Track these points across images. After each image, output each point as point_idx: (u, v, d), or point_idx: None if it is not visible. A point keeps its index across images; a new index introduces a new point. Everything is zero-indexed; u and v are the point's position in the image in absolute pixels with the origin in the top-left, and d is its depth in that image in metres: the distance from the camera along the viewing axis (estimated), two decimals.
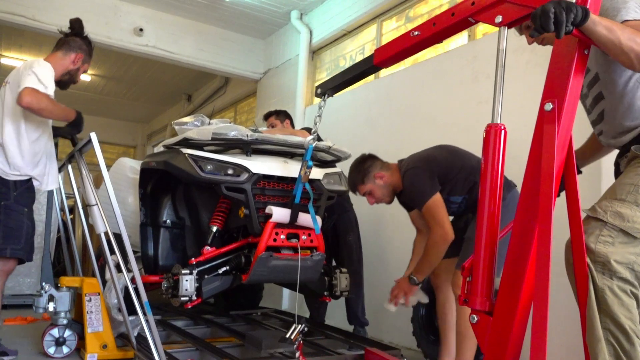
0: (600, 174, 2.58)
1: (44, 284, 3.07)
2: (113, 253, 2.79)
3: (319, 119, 2.49)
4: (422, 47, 1.88)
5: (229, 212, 3.03)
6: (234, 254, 2.93)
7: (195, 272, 2.73)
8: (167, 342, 3.24)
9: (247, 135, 2.79)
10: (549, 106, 1.45)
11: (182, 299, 2.69)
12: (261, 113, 5.50)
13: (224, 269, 2.87)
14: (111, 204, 2.72)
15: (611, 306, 1.45)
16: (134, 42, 5.93)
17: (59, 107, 2.83)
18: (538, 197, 1.41)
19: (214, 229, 2.97)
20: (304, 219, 2.79)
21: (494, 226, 1.50)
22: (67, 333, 3.07)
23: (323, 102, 2.43)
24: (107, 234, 2.84)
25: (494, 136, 1.50)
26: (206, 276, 2.79)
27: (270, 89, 6.55)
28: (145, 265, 3.19)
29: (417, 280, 2.76)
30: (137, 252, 3.11)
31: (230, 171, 2.74)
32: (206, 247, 2.88)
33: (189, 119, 3.11)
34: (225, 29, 6.46)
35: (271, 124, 4.09)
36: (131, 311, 2.75)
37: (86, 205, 3.06)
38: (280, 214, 2.72)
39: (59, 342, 3.05)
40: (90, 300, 3.03)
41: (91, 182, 3.00)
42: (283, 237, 2.76)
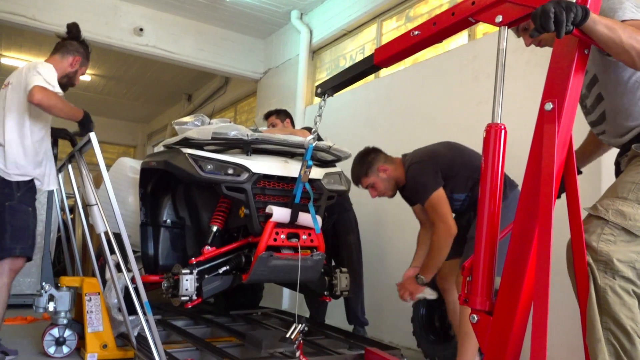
0: (600, 173, 2.58)
1: (44, 283, 3.07)
2: (113, 253, 2.80)
3: (319, 118, 2.49)
4: (422, 47, 1.88)
5: (229, 211, 3.03)
6: (234, 253, 2.94)
7: (195, 272, 2.73)
8: (167, 341, 3.23)
9: (247, 134, 2.80)
10: (549, 106, 1.45)
11: (182, 298, 2.70)
12: (261, 113, 5.49)
13: (224, 269, 2.87)
14: (111, 203, 2.73)
15: (612, 306, 1.45)
16: (134, 42, 5.93)
17: (68, 105, 2.85)
18: (538, 197, 1.41)
19: (214, 228, 2.98)
20: (304, 218, 2.79)
21: (494, 226, 1.49)
22: (67, 333, 3.07)
23: (323, 101, 2.43)
24: (107, 234, 2.84)
25: (494, 136, 1.50)
26: (206, 276, 2.79)
27: (271, 89, 6.55)
28: (146, 265, 3.19)
29: (424, 280, 2.73)
30: (137, 251, 3.11)
31: (230, 171, 2.74)
32: (206, 247, 2.88)
33: (189, 118, 3.11)
34: (225, 29, 6.46)
35: (271, 124, 4.08)
36: (131, 311, 2.75)
37: (86, 205, 3.06)
38: (280, 213, 2.72)
39: (59, 342, 3.05)
40: (90, 300, 3.04)
41: (91, 182, 3.00)
42: (283, 236, 2.76)
